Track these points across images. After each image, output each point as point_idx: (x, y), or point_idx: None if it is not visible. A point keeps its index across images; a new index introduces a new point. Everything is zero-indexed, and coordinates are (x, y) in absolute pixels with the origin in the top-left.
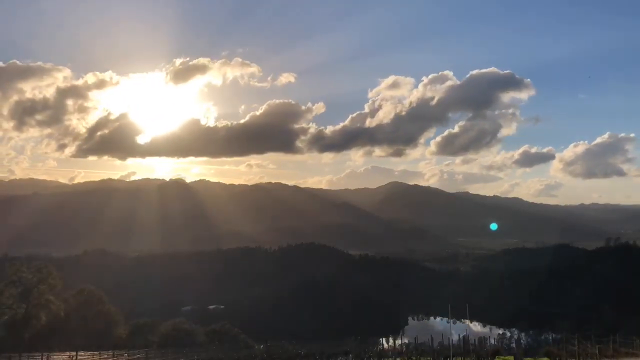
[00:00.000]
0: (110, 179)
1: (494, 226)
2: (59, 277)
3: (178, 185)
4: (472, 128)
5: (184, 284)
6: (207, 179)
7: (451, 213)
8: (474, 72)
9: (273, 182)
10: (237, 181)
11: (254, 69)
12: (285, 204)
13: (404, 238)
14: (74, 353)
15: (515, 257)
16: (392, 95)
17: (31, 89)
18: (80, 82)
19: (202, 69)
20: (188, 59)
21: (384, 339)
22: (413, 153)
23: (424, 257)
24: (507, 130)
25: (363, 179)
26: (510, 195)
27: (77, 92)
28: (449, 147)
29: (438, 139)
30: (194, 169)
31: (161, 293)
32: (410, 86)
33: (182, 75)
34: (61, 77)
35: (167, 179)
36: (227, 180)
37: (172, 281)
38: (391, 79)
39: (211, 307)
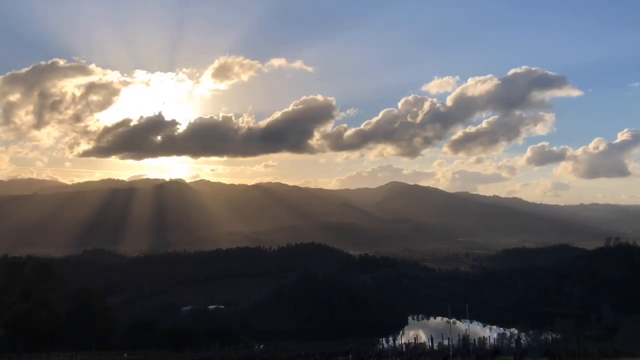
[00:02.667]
0: (110, 179)
1: None
2: (59, 277)
3: (178, 185)
4: (495, 128)
5: (184, 284)
6: (207, 179)
7: (451, 213)
8: (512, 72)
9: (273, 182)
10: (242, 181)
11: (307, 68)
12: (285, 204)
13: (404, 238)
14: (74, 353)
15: (515, 257)
16: (433, 94)
17: (64, 88)
18: (115, 81)
19: (249, 68)
20: (240, 57)
21: (384, 339)
22: (429, 153)
23: (424, 257)
24: (528, 130)
25: (373, 179)
26: (513, 195)
27: (108, 91)
28: (465, 147)
29: (455, 138)
30: (207, 169)
31: (161, 293)
32: (454, 86)
33: (225, 74)
34: (100, 76)
35: (168, 179)
36: (234, 181)
37: (172, 281)
38: (438, 79)
39: (211, 307)
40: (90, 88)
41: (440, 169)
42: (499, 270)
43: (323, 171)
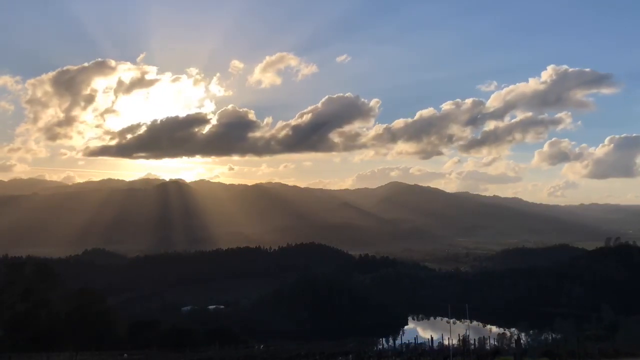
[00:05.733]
0: (110, 179)
1: None
2: (59, 277)
3: (178, 185)
4: (522, 127)
5: (184, 284)
6: (207, 179)
7: (451, 213)
8: (548, 72)
9: (273, 181)
10: (244, 182)
11: (366, 66)
12: (285, 204)
13: (404, 238)
14: (74, 353)
15: (515, 257)
16: (482, 94)
17: (102, 86)
18: (161, 79)
19: (303, 66)
20: (291, 55)
21: (383, 339)
22: (449, 153)
23: (424, 257)
24: (545, 131)
25: (382, 179)
26: (521, 196)
27: (149, 89)
28: (483, 147)
29: (476, 138)
30: (224, 169)
31: (161, 293)
32: (500, 87)
33: (276, 72)
34: (144, 74)
35: (167, 179)
36: (234, 181)
37: (172, 281)
38: (492, 81)
39: (211, 307)
40: (132, 86)
41: (454, 169)
42: (499, 270)
43: (339, 171)
